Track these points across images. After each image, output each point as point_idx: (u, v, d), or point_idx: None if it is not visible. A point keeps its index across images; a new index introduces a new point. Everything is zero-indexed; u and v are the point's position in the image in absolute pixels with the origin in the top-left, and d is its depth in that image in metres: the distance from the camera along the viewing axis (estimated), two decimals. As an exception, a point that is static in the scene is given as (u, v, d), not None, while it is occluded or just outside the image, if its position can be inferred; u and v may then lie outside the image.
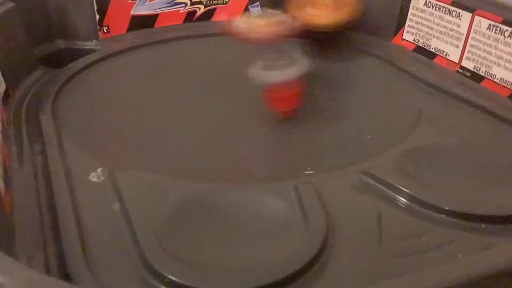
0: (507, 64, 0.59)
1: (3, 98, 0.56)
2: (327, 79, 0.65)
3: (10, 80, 0.59)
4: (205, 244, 0.38)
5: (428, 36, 0.69)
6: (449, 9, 0.66)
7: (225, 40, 0.78)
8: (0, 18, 0.61)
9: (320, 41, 0.69)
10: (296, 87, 0.54)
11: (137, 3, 0.76)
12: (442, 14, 0.67)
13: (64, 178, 0.45)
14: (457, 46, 0.65)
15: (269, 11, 0.60)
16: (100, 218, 0.41)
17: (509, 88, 0.59)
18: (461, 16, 0.64)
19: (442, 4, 0.67)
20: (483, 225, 0.40)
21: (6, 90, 0.58)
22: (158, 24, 0.79)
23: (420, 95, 0.62)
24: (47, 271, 0.35)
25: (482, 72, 0.62)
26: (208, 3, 0.81)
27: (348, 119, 0.58)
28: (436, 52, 0.68)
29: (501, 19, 0.60)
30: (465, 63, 0.64)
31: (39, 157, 0.48)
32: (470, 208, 0.41)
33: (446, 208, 0.41)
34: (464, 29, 0.64)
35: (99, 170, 0.46)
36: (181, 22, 0.81)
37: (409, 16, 0.72)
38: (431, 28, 0.69)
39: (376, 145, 0.52)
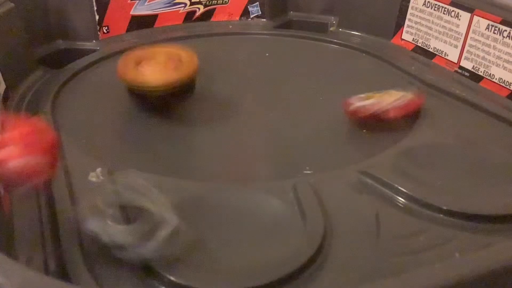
0: (505, 64, 0.59)
1: (3, 98, 0.56)
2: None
3: (10, 80, 0.60)
4: (204, 244, 0.38)
5: (427, 36, 0.69)
6: (448, 9, 0.66)
7: (225, 40, 0.79)
8: (0, 19, 0.61)
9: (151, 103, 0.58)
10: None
11: (137, 3, 0.76)
12: (441, 14, 0.67)
13: (64, 177, 0.45)
14: (456, 46, 0.65)
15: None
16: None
17: (508, 88, 0.59)
18: (460, 16, 0.64)
19: (441, 4, 0.67)
20: (480, 225, 0.40)
21: (6, 90, 0.58)
22: (158, 24, 0.79)
23: (419, 95, 0.61)
24: (46, 271, 0.35)
25: (481, 72, 0.62)
26: (207, 3, 0.81)
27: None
28: (435, 52, 0.68)
29: (499, 19, 0.60)
30: (464, 63, 0.64)
31: (39, 157, 0.48)
32: (468, 207, 0.41)
33: (444, 207, 0.41)
34: (463, 29, 0.64)
35: (98, 170, 0.46)
36: (181, 22, 0.81)
37: (408, 16, 0.72)
38: (430, 28, 0.69)
39: (375, 145, 0.52)
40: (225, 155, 0.51)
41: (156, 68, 0.57)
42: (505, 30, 0.59)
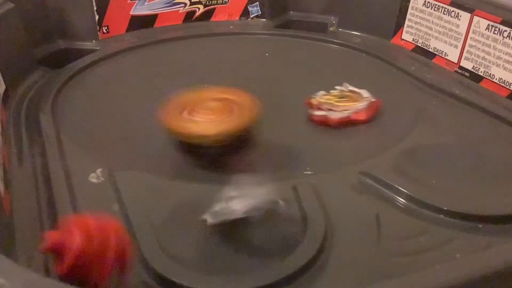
0: (506, 64, 0.59)
1: (3, 98, 0.56)
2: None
3: (10, 80, 0.60)
4: (204, 244, 0.38)
5: (427, 36, 0.69)
6: (448, 9, 0.66)
7: (224, 40, 0.79)
8: (0, 18, 0.61)
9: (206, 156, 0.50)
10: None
11: (137, 3, 0.76)
12: (441, 14, 0.67)
13: (64, 178, 0.45)
14: (456, 46, 0.65)
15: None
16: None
17: (508, 88, 0.59)
18: (460, 16, 0.64)
19: (441, 4, 0.67)
20: (480, 225, 0.40)
21: (6, 90, 0.58)
22: (158, 24, 0.79)
23: (419, 95, 0.62)
24: (46, 272, 0.35)
25: (481, 72, 0.62)
26: (207, 3, 0.81)
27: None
28: (435, 52, 0.68)
29: (500, 19, 0.60)
30: (464, 63, 0.64)
31: (39, 158, 0.48)
32: (468, 208, 0.41)
33: (444, 208, 0.41)
34: (463, 29, 0.64)
35: (98, 170, 0.46)
36: (181, 22, 0.81)
37: (408, 16, 0.72)
38: (430, 28, 0.69)
39: (375, 145, 0.52)
40: (224, 154, 0.51)
41: (208, 116, 0.49)
42: (505, 30, 0.59)
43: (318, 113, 0.55)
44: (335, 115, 0.54)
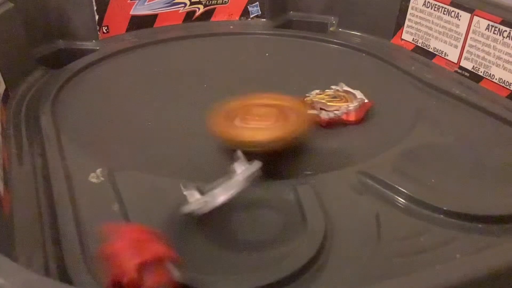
0: (506, 64, 0.59)
1: (2, 98, 0.56)
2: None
3: (10, 80, 0.60)
4: (204, 245, 0.38)
5: (427, 36, 0.69)
6: (448, 9, 0.66)
7: (224, 40, 0.79)
8: (0, 18, 0.61)
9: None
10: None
11: (137, 3, 0.76)
12: (441, 14, 0.67)
13: (64, 178, 0.45)
14: (456, 46, 0.65)
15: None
16: (99, 219, 0.41)
17: (508, 88, 0.59)
18: (460, 16, 0.64)
19: (441, 4, 0.67)
20: (481, 225, 0.40)
21: (6, 90, 0.58)
22: (158, 24, 0.79)
23: (419, 95, 0.62)
24: (46, 272, 0.35)
25: (481, 72, 0.62)
26: (207, 3, 0.81)
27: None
28: (435, 52, 0.68)
29: (500, 19, 0.60)
30: (464, 63, 0.64)
31: (39, 158, 0.48)
32: (468, 208, 0.41)
33: (444, 208, 0.41)
34: (463, 29, 0.64)
35: (98, 170, 0.46)
36: (180, 22, 0.81)
37: (408, 16, 0.72)
38: (430, 28, 0.69)
39: (375, 145, 0.52)
40: (225, 155, 0.51)
41: (259, 122, 0.48)
42: (505, 31, 0.59)
43: (310, 112, 0.55)
44: (325, 114, 0.54)
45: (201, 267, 0.36)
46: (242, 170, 0.40)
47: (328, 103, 0.55)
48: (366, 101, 0.56)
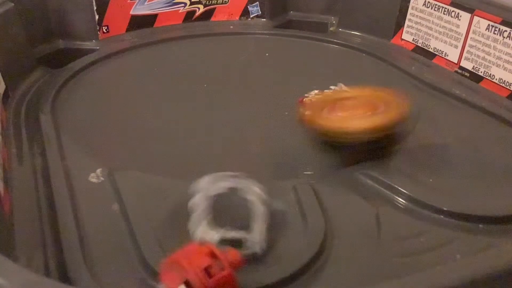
0: (506, 65, 0.59)
1: (2, 98, 0.56)
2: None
3: (10, 80, 0.59)
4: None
5: (427, 36, 0.69)
6: (448, 10, 0.66)
7: (225, 40, 0.79)
8: (0, 18, 0.61)
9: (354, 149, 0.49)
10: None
11: (137, 3, 0.76)
12: (441, 15, 0.67)
13: (64, 178, 0.45)
14: (456, 47, 0.65)
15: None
16: (99, 218, 0.41)
17: (508, 88, 0.59)
18: (460, 16, 0.64)
19: (441, 5, 0.67)
20: (481, 226, 0.40)
21: (6, 90, 0.58)
22: (158, 24, 0.79)
23: (419, 95, 0.62)
24: (46, 272, 0.35)
25: (481, 72, 0.62)
26: (207, 3, 0.81)
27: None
28: (435, 52, 0.68)
29: (500, 19, 0.60)
30: (464, 63, 0.64)
31: (39, 158, 0.48)
32: (468, 208, 0.41)
33: (445, 208, 0.41)
34: (463, 30, 0.64)
35: (98, 170, 0.46)
36: (181, 22, 0.81)
37: (408, 16, 0.72)
38: (430, 28, 0.69)
39: (375, 146, 0.52)
40: (225, 155, 0.51)
41: (355, 112, 0.48)
42: (505, 31, 0.59)
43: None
44: None
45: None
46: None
47: None
48: None
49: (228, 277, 0.31)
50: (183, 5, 0.80)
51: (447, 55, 0.67)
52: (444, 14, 0.67)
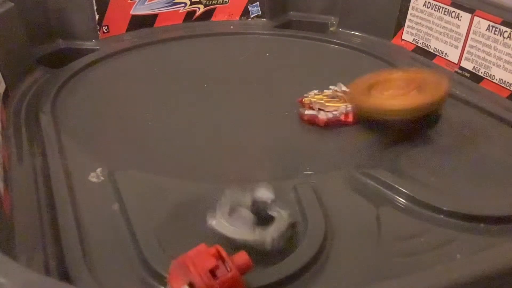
0: (506, 65, 0.59)
1: (2, 98, 0.56)
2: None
3: (10, 80, 0.59)
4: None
5: (428, 37, 0.69)
6: (448, 10, 0.66)
7: (225, 40, 0.79)
8: (0, 18, 0.61)
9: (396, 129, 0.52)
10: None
11: (137, 3, 0.76)
12: (442, 15, 0.67)
13: (64, 178, 0.45)
14: (456, 47, 0.65)
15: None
16: (99, 218, 0.41)
17: (508, 89, 0.59)
18: (461, 16, 0.64)
19: (442, 5, 0.67)
20: (481, 226, 0.40)
21: (6, 90, 0.58)
22: (158, 23, 0.79)
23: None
24: (47, 271, 0.35)
25: (481, 72, 0.62)
26: (207, 3, 0.81)
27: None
28: (435, 53, 0.68)
29: (500, 20, 0.60)
30: (464, 64, 0.64)
31: (39, 157, 0.48)
32: (469, 208, 0.41)
33: (445, 208, 0.41)
34: (463, 30, 0.64)
35: (98, 170, 0.46)
36: (181, 22, 0.81)
37: (408, 16, 0.72)
38: (431, 29, 0.69)
39: (375, 146, 0.52)
40: (225, 155, 0.51)
41: (397, 92, 0.52)
42: (506, 31, 0.59)
43: (308, 112, 0.55)
44: (324, 115, 0.54)
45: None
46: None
47: (327, 104, 0.55)
48: None
49: (234, 279, 0.30)
50: (183, 5, 0.80)
51: (448, 56, 0.67)
52: (444, 14, 0.67)
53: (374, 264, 0.37)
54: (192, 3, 0.80)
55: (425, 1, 0.69)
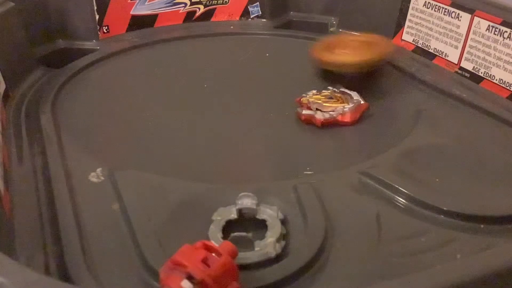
0: (506, 65, 0.59)
1: (3, 98, 0.56)
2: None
3: (10, 80, 0.60)
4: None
5: (428, 37, 0.69)
6: (448, 10, 0.66)
7: (225, 40, 0.79)
8: (0, 18, 0.61)
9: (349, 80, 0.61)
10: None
11: (137, 3, 0.76)
12: (442, 15, 0.67)
13: (64, 178, 0.45)
14: (456, 47, 0.65)
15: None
16: (99, 218, 0.41)
17: (508, 89, 0.59)
18: (461, 17, 0.64)
19: (442, 5, 0.67)
20: (481, 226, 0.40)
21: (6, 90, 0.58)
22: (158, 24, 0.79)
23: (419, 96, 0.62)
24: (47, 271, 0.35)
25: (481, 73, 0.62)
26: (207, 3, 0.81)
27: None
28: (435, 53, 0.68)
29: (500, 20, 0.60)
30: (464, 64, 0.64)
31: (39, 157, 0.48)
32: (469, 208, 0.41)
33: (445, 208, 0.41)
34: (463, 30, 0.64)
35: (98, 170, 0.46)
36: (181, 22, 0.81)
37: (408, 16, 0.72)
38: (431, 29, 0.69)
39: (375, 146, 0.52)
40: (225, 155, 0.51)
41: (351, 50, 0.64)
42: (506, 31, 0.59)
43: (306, 112, 0.55)
44: (321, 115, 0.55)
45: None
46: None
47: (324, 104, 0.56)
48: (362, 102, 0.56)
49: (227, 263, 0.31)
50: (183, 5, 0.80)
51: (447, 56, 0.67)
52: (444, 14, 0.67)
53: (374, 263, 0.37)
54: (192, 4, 0.80)
55: (425, 2, 0.69)
